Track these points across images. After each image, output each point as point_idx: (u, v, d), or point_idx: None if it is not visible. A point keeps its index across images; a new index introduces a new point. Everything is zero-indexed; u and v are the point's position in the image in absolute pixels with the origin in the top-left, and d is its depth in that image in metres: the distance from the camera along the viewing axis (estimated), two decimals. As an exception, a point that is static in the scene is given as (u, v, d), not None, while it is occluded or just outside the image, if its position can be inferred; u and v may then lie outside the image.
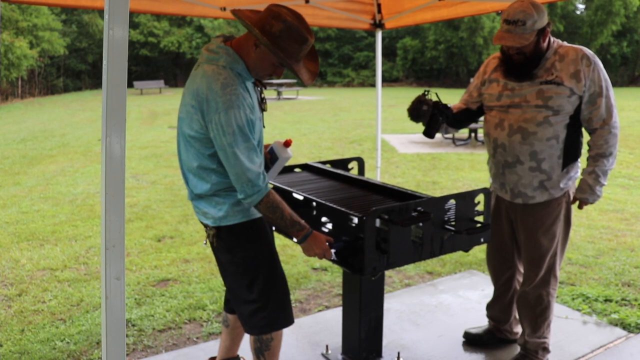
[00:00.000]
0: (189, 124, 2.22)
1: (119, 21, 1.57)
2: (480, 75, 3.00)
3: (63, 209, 6.88)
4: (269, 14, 2.15)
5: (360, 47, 43.00)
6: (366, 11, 5.02)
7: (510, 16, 2.59)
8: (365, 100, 25.56)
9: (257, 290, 2.36)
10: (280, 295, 2.43)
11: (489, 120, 2.90)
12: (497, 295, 3.24)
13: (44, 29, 32.20)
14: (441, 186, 8.22)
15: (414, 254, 2.43)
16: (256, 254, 2.38)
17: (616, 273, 4.51)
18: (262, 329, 2.41)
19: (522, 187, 2.79)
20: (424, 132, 2.86)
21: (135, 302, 3.99)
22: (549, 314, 2.96)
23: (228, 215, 2.29)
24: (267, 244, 2.42)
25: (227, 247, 2.36)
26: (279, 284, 2.44)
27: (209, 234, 2.38)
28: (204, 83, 2.14)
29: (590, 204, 2.79)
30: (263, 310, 2.37)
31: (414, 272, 4.61)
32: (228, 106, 2.08)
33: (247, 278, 2.37)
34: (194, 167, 2.27)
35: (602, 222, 6.08)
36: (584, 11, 39.19)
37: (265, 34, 2.12)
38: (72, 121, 18.33)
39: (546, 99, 2.65)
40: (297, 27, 2.13)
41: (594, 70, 2.63)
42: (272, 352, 2.46)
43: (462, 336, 3.37)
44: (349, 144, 12.22)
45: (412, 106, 2.83)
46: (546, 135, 2.68)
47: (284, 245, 5.29)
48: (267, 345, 2.44)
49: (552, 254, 2.85)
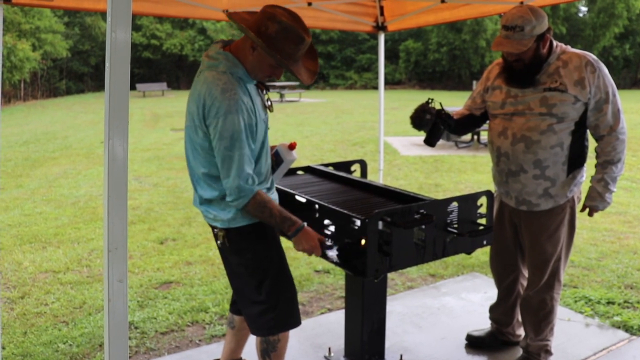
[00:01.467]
0: (194, 131, 2.23)
1: (122, 23, 1.57)
2: (483, 82, 2.98)
3: (65, 212, 6.89)
4: (264, 16, 2.16)
5: (362, 50, 43.04)
6: (369, 14, 5.02)
7: (509, 22, 2.56)
8: (367, 102, 25.56)
9: (266, 291, 2.37)
10: (288, 296, 2.44)
11: (493, 128, 2.87)
12: (500, 298, 3.24)
13: (46, 31, 32.31)
14: (444, 188, 8.22)
15: (417, 256, 2.43)
16: (265, 255, 2.39)
17: (619, 275, 4.50)
18: (270, 330, 2.41)
19: (526, 195, 2.77)
20: (425, 140, 2.86)
21: (138, 305, 3.99)
22: (553, 318, 2.95)
23: (237, 217, 2.29)
24: (275, 245, 2.44)
25: (236, 248, 2.37)
26: (287, 285, 2.45)
27: (218, 236, 2.39)
28: (204, 89, 2.17)
29: (600, 210, 2.77)
30: (271, 311, 2.38)
31: (417, 274, 4.60)
32: (227, 111, 2.10)
33: (256, 279, 2.38)
34: (202, 173, 2.28)
35: (605, 224, 6.06)
36: (587, 14, 39.17)
37: (261, 35, 2.13)
38: (74, 123, 18.37)
39: (550, 107, 2.61)
40: (292, 27, 2.14)
41: (598, 77, 2.60)
42: (279, 354, 2.48)
43: (465, 339, 3.36)
44: (352, 147, 12.22)
45: (415, 114, 2.82)
46: (550, 143, 2.65)
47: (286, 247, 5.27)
48: (274, 346, 2.45)
49: (556, 259, 2.83)
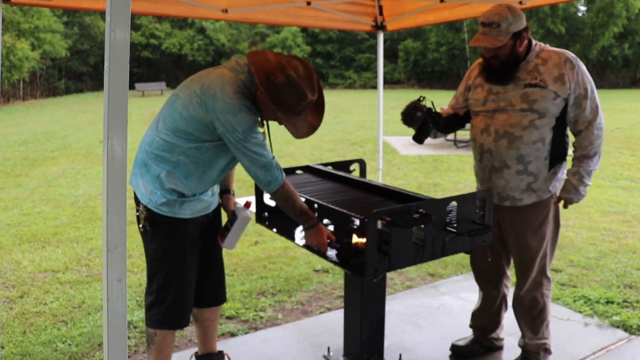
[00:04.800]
0: (184, 104, 2.32)
1: (121, 23, 1.57)
2: (465, 81, 3.05)
3: (64, 211, 6.89)
4: (277, 65, 2.30)
5: (361, 49, 43.00)
6: (368, 13, 5.02)
7: (486, 19, 2.65)
8: (366, 102, 25.57)
9: (157, 284, 2.49)
10: (177, 296, 2.51)
11: (475, 125, 2.92)
12: (485, 302, 3.21)
13: (45, 30, 32.26)
14: (443, 188, 8.23)
15: (416, 255, 2.43)
16: (165, 250, 2.48)
17: (618, 275, 4.50)
18: (152, 324, 2.53)
19: (509, 191, 2.81)
20: (414, 137, 2.92)
21: (137, 304, 3.99)
22: (546, 315, 2.97)
23: (160, 205, 2.41)
24: (179, 244, 2.50)
25: (149, 234, 2.51)
26: (179, 286, 2.51)
27: (140, 219, 2.48)
28: (218, 82, 2.27)
29: (575, 203, 2.83)
30: (158, 305, 2.50)
31: (416, 274, 4.61)
32: (238, 109, 2.23)
33: (152, 270, 2.51)
34: (162, 142, 2.38)
35: (604, 224, 6.07)
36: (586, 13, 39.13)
37: (269, 83, 2.27)
38: (73, 123, 18.37)
39: (531, 102, 2.67)
40: (298, 83, 2.27)
41: (577, 74, 2.67)
42: (158, 348, 2.55)
43: (450, 349, 3.27)
44: (351, 146, 12.22)
45: (406, 111, 2.88)
46: (532, 138, 2.71)
47: (286, 247, 5.29)
48: (152, 339, 2.55)
49: (542, 255, 2.87)
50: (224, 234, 2.69)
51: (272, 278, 4.51)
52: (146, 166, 2.42)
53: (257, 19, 4.74)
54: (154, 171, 2.38)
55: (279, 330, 3.58)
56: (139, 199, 2.44)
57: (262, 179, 2.35)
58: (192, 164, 2.37)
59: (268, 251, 5.23)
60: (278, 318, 3.79)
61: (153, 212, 2.40)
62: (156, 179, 2.38)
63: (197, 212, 2.50)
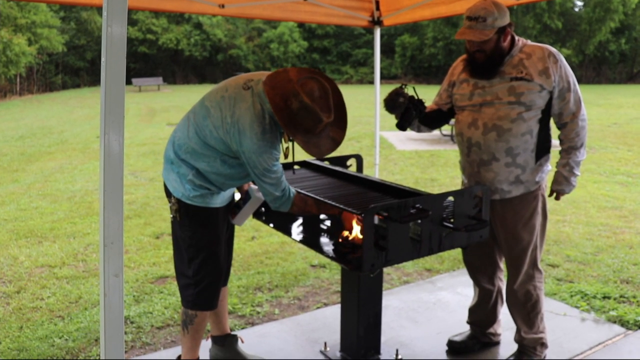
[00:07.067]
0: (214, 125, 2.41)
1: (118, 18, 1.57)
2: (448, 78, 3.07)
3: (61, 206, 6.88)
4: (291, 91, 2.31)
5: (358, 44, 42.98)
6: (365, 8, 5.01)
7: (472, 13, 2.69)
8: (363, 97, 25.54)
9: (194, 268, 2.61)
10: (211, 280, 2.65)
11: (462, 120, 2.93)
12: (481, 297, 3.22)
13: (42, 26, 32.16)
14: (439, 183, 8.24)
15: (413, 251, 2.44)
16: (201, 237, 2.61)
17: (615, 270, 4.52)
18: (189, 304, 2.66)
19: (498, 184, 2.83)
20: (397, 124, 2.96)
21: (134, 299, 3.99)
22: (540, 307, 2.98)
23: (193, 197, 2.54)
24: (214, 233, 2.63)
25: (183, 224, 2.61)
26: (213, 271, 2.65)
27: (172, 209, 2.59)
28: (247, 117, 2.34)
29: (567, 194, 2.88)
30: (193, 287, 2.63)
31: (413, 269, 4.62)
32: (263, 151, 2.35)
33: (189, 255, 2.62)
34: (194, 146, 2.48)
35: (601, 219, 6.09)
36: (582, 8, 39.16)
37: (286, 108, 2.31)
38: (70, 118, 18.32)
39: (518, 95, 2.70)
40: (312, 107, 2.31)
41: (560, 67, 2.72)
42: (196, 328, 2.70)
43: (446, 345, 3.28)
44: (347, 141, 12.22)
45: (388, 97, 2.92)
46: (520, 131, 2.73)
47: (283, 242, 5.30)
48: (191, 320, 2.69)
49: (533, 247, 2.90)
50: (235, 211, 2.79)
51: (269, 273, 4.51)
52: (176, 164, 2.53)
53: (253, 14, 4.73)
54: (184, 171, 2.50)
55: (275, 325, 3.59)
56: (171, 192, 2.55)
57: (272, 205, 2.53)
58: (219, 173, 2.51)
59: (265, 246, 5.23)
60: (275, 313, 3.79)
61: (186, 204, 2.52)
62: (186, 178, 2.50)
63: (226, 200, 2.69)
